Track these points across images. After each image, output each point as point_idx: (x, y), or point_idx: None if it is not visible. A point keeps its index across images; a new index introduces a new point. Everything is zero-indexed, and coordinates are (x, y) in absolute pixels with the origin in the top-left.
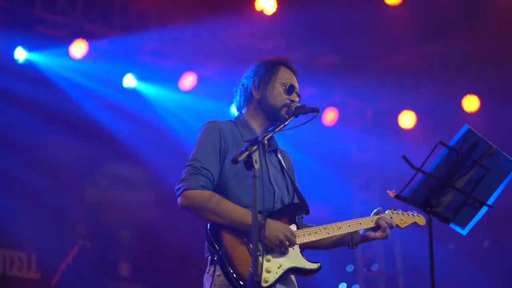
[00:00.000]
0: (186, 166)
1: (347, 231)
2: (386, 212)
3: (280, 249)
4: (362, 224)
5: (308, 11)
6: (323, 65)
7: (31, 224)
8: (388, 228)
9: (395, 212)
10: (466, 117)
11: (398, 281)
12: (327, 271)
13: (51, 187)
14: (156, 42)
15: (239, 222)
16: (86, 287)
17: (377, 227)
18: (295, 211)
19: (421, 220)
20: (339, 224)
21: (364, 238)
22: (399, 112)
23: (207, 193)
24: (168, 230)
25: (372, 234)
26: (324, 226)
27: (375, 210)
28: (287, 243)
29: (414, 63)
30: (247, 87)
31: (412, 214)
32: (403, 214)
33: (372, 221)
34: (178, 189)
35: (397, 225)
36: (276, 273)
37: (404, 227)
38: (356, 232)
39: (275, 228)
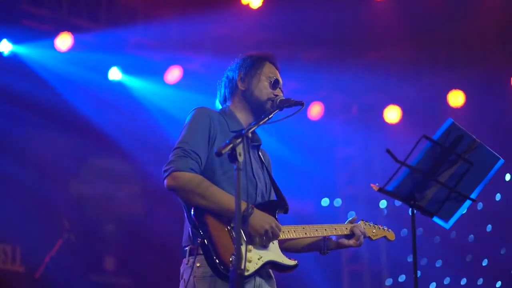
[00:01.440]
0: (175, 149)
1: (323, 235)
2: (359, 222)
3: (263, 239)
4: (337, 230)
5: (294, 5)
6: (309, 60)
7: (16, 217)
8: (362, 237)
9: (367, 224)
10: (451, 112)
11: (383, 276)
12: (310, 266)
13: (36, 180)
14: (142, 36)
15: (227, 209)
16: (71, 280)
17: (351, 235)
18: (275, 207)
19: (390, 235)
20: (316, 226)
21: (338, 245)
22: (384, 106)
23: (194, 175)
24: (154, 223)
25: (345, 241)
26: (302, 226)
27: (349, 219)
28: (271, 234)
29: (400, 57)
30: (232, 78)
31: (383, 228)
32: (374, 227)
33: (346, 228)
34: (165, 171)
35: (369, 236)
36: (256, 264)
37: (375, 239)
38: (329, 238)
39: (261, 218)
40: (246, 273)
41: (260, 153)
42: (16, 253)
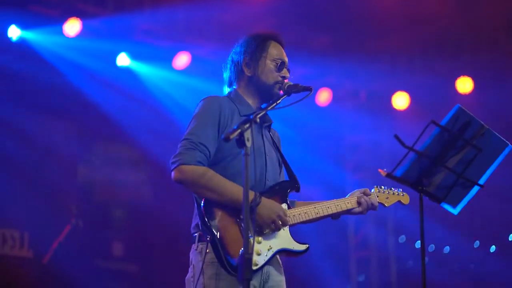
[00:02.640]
0: (183, 140)
1: (335, 211)
2: (373, 190)
3: (271, 228)
4: (348, 204)
5: None
6: (317, 46)
7: (24, 203)
8: (367, 208)
9: (381, 189)
10: (460, 98)
11: (391, 262)
12: (317, 251)
13: (44, 166)
14: (150, 21)
15: (235, 199)
16: (78, 266)
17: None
18: (286, 188)
19: (405, 198)
20: (327, 203)
21: (348, 212)
22: (392, 93)
23: (202, 168)
24: (161, 209)
25: (355, 209)
26: (313, 205)
27: (361, 190)
28: (280, 222)
29: (408, 44)
30: (238, 63)
31: (397, 192)
32: (388, 192)
33: (356, 201)
34: (173, 163)
35: (382, 203)
36: (266, 255)
37: (389, 205)
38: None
39: (269, 207)
40: (255, 267)
41: (270, 133)
42: (24, 238)
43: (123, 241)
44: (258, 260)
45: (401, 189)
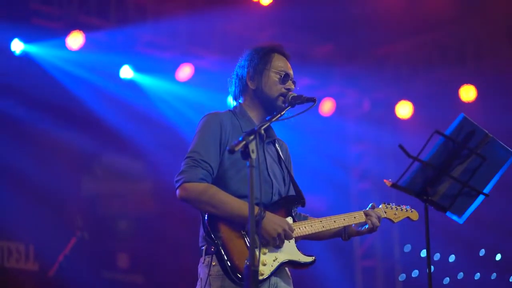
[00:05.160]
0: (186, 158)
1: (342, 225)
2: (380, 206)
3: (276, 242)
4: (356, 218)
5: (305, 1)
6: (320, 56)
7: (29, 216)
8: (376, 220)
9: (389, 206)
10: (463, 107)
11: (396, 272)
12: (324, 263)
13: (49, 178)
14: (153, 34)
15: (236, 214)
16: (84, 278)
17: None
18: (291, 203)
19: (414, 215)
20: (334, 217)
21: (358, 232)
22: (396, 102)
23: (204, 185)
24: (166, 221)
25: (364, 229)
26: (320, 219)
27: (369, 205)
28: (284, 237)
29: (411, 53)
30: (242, 77)
31: (405, 209)
32: (396, 209)
33: (363, 215)
34: (177, 181)
35: (390, 219)
36: (272, 266)
37: (397, 221)
38: (349, 225)
39: (273, 221)
40: (261, 277)
41: (277, 145)
42: (30, 251)
43: (128, 253)
44: (264, 270)
45: (409, 206)
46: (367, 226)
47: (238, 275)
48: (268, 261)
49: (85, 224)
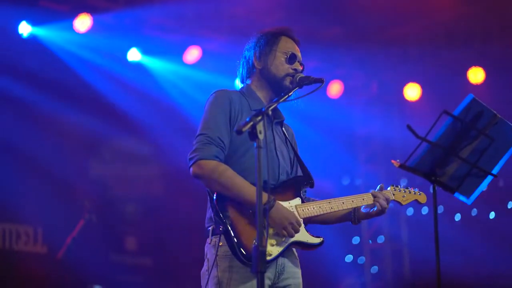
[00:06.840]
0: (199, 135)
1: (351, 207)
2: (389, 188)
3: (282, 234)
4: (364, 199)
5: None
6: (327, 38)
7: (37, 199)
8: (384, 202)
9: (397, 188)
10: (471, 89)
11: (404, 253)
12: (332, 244)
13: (57, 161)
14: (160, 16)
15: (249, 201)
16: (92, 260)
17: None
18: (300, 183)
19: (422, 198)
20: (342, 199)
21: (367, 215)
22: (404, 84)
23: (222, 166)
24: (173, 203)
25: (373, 211)
26: (328, 200)
27: (378, 187)
28: (291, 231)
29: (419, 35)
30: (249, 58)
31: (414, 192)
32: (405, 191)
33: (371, 197)
34: (191, 159)
35: (398, 201)
36: (280, 246)
37: (406, 204)
38: (359, 208)
39: (282, 213)
40: (269, 257)
41: (283, 128)
42: (38, 234)
43: (136, 235)
44: (272, 250)
45: (417, 189)
46: (375, 209)
47: (246, 254)
48: (276, 241)
49: (93, 206)
